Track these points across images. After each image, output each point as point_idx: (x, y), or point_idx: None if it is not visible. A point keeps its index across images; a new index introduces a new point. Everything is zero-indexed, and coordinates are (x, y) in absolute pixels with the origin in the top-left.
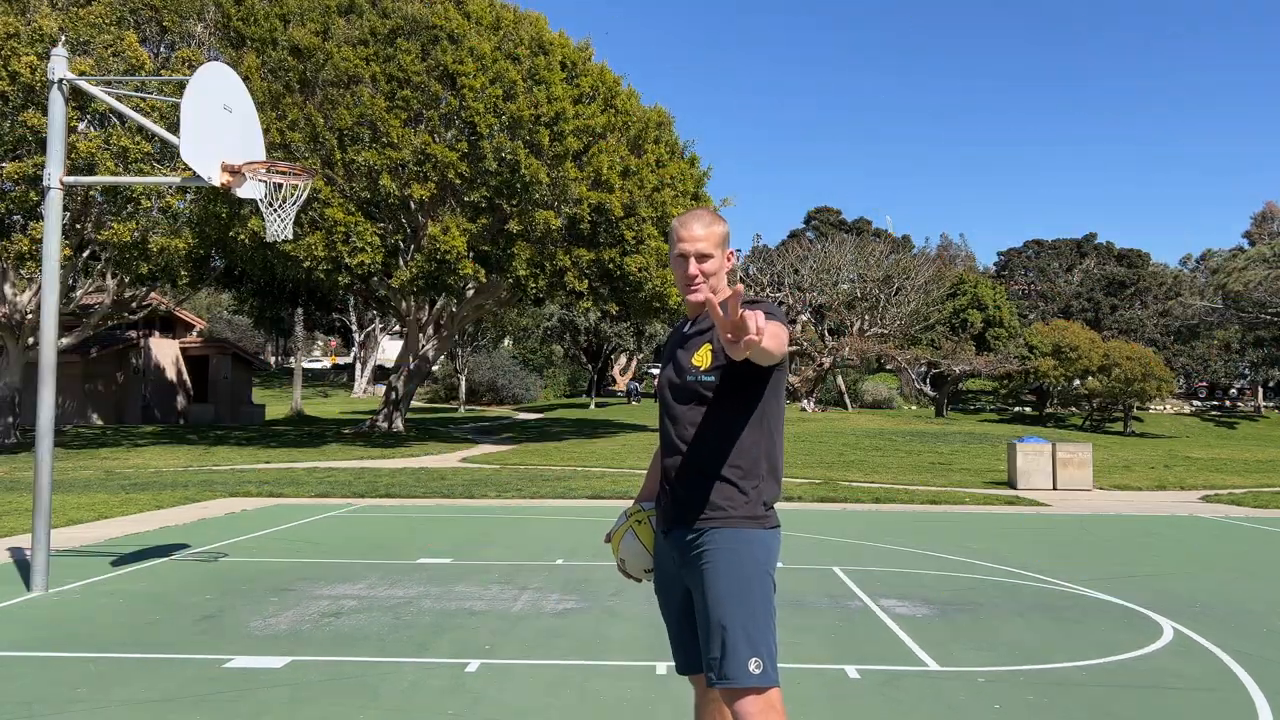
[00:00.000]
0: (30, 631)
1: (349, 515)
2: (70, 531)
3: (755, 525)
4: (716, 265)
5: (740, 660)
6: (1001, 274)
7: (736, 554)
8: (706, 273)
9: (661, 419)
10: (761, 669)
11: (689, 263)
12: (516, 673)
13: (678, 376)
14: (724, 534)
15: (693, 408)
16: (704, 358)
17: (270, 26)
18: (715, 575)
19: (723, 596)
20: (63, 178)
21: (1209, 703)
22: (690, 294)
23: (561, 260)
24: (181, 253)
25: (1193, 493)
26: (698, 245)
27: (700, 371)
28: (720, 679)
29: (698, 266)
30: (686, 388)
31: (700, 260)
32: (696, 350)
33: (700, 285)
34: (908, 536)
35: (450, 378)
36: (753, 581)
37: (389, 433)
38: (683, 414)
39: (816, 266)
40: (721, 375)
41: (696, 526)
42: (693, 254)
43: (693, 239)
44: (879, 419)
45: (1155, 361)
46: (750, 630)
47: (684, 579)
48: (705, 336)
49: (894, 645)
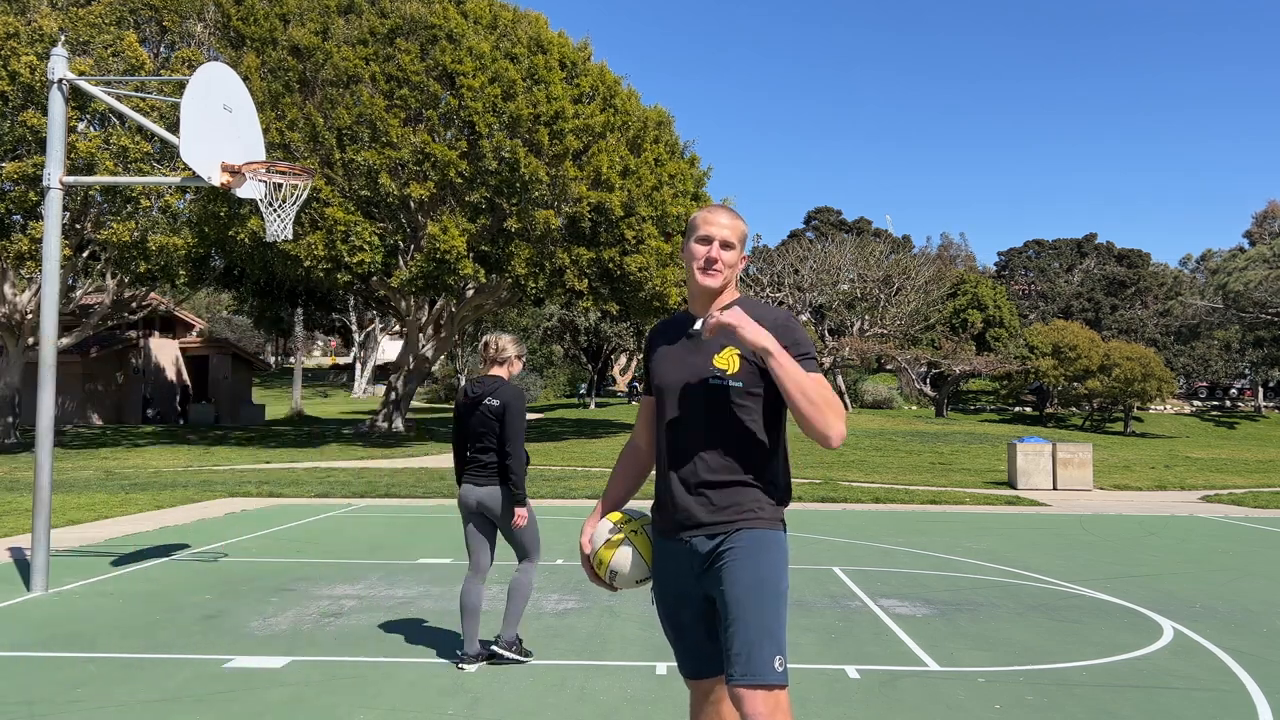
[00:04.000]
0: (30, 631)
1: (349, 515)
2: (70, 531)
3: (777, 527)
4: (735, 258)
5: (766, 657)
6: (1001, 274)
7: (764, 554)
8: (726, 262)
9: (664, 422)
10: (783, 667)
11: (712, 245)
12: (516, 673)
13: (693, 378)
14: (750, 535)
15: (714, 412)
16: (728, 361)
17: (270, 26)
18: (743, 574)
19: (751, 595)
20: (62, 178)
21: (1209, 703)
22: (706, 278)
23: (561, 260)
24: (181, 252)
25: (1193, 493)
26: (723, 232)
27: (728, 375)
28: (744, 676)
29: (719, 252)
30: (707, 391)
31: (724, 248)
32: (717, 352)
33: (719, 271)
34: (908, 536)
35: (450, 378)
36: (777, 582)
37: (389, 433)
38: (702, 418)
39: (816, 266)
40: (748, 380)
41: (720, 530)
42: (718, 239)
43: (719, 225)
44: (879, 419)
45: (1155, 362)
46: (774, 629)
47: (703, 584)
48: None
49: (894, 645)
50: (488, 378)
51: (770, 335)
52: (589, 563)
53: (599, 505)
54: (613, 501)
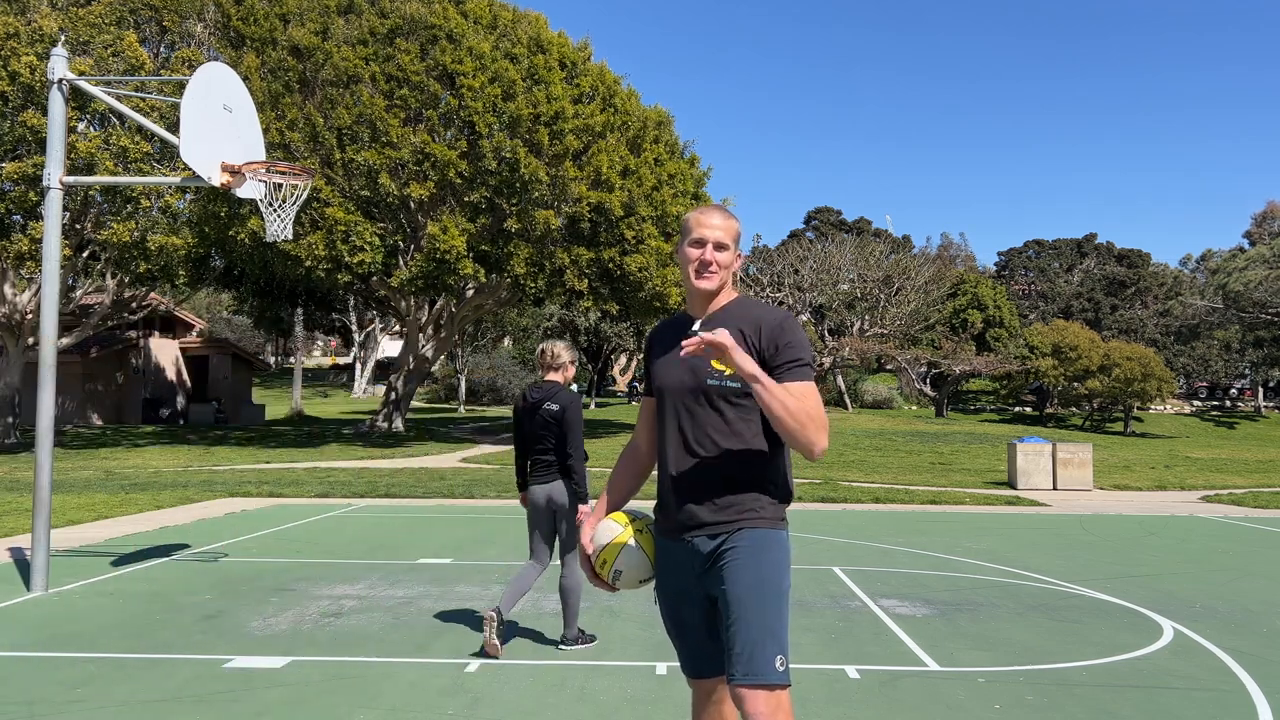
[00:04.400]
0: (30, 631)
1: (349, 515)
2: (70, 531)
3: (779, 526)
4: (730, 259)
5: (768, 657)
6: (1001, 274)
7: (765, 554)
8: (721, 263)
9: (665, 423)
10: (784, 666)
11: (706, 248)
12: (516, 673)
13: (693, 379)
14: (753, 534)
15: (714, 413)
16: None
17: (270, 26)
18: (745, 574)
19: (753, 595)
20: (62, 178)
21: (1209, 703)
22: (701, 281)
23: (561, 260)
24: (181, 252)
25: (1193, 493)
26: (716, 234)
27: (725, 376)
28: (745, 675)
29: (714, 254)
30: (707, 392)
31: (717, 249)
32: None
33: (714, 273)
34: (908, 536)
35: (450, 378)
36: (779, 581)
37: (389, 433)
38: (703, 419)
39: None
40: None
41: (722, 530)
42: (711, 240)
43: (712, 226)
44: (879, 419)
45: (1155, 362)
46: (776, 628)
47: (705, 584)
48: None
49: (894, 645)
50: (545, 383)
51: (754, 363)
52: (590, 563)
53: (599, 505)
54: (613, 502)
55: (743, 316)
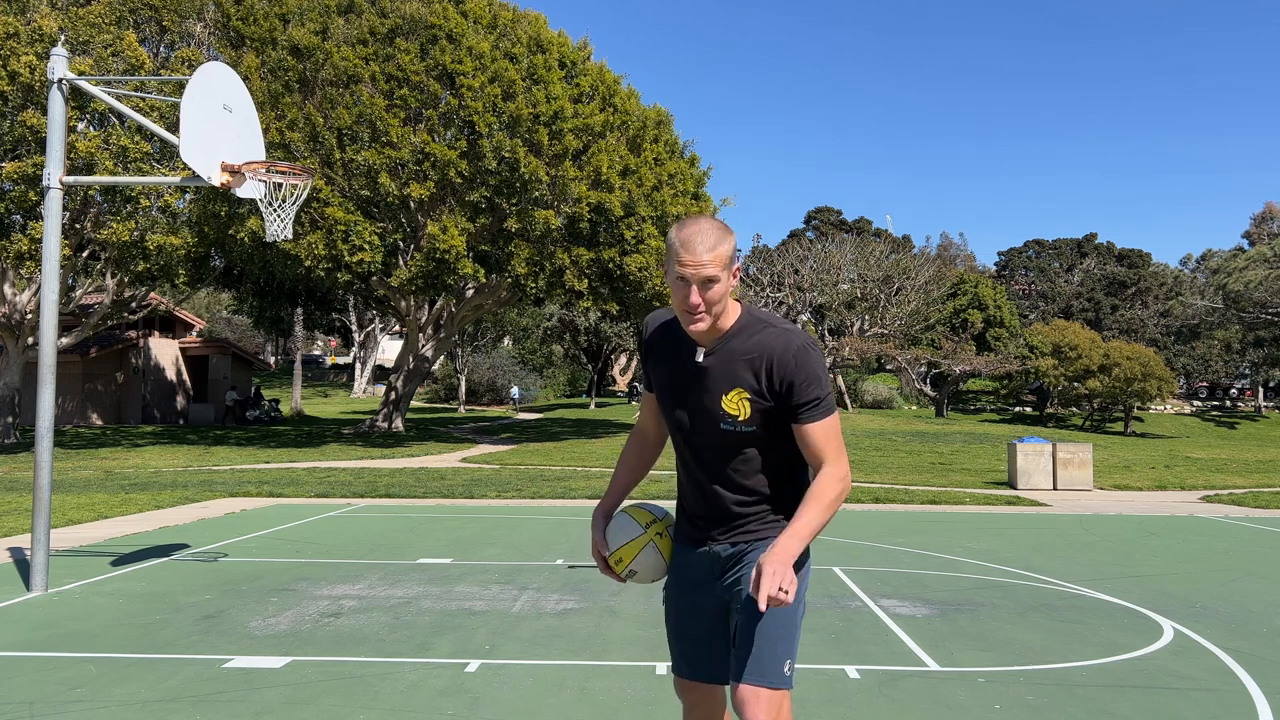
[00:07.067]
0: (30, 631)
1: (349, 515)
2: (70, 531)
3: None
4: (722, 290)
5: (778, 660)
6: (1001, 274)
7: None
8: (710, 301)
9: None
10: (791, 671)
11: (690, 290)
12: (516, 673)
13: (706, 423)
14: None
15: (730, 448)
16: (738, 406)
17: (270, 26)
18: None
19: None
20: (62, 178)
21: (1209, 703)
22: (693, 326)
23: (561, 259)
24: (180, 252)
25: (1193, 493)
26: (704, 270)
27: (740, 422)
28: (751, 675)
29: (700, 295)
30: (723, 436)
31: (704, 287)
32: (725, 394)
33: (704, 316)
34: (908, 536)
35: (450, 378)
36: (798, 588)
37: (389, 433)
38: (718, 452)
39: (816, 266)
40: (763, 423)
41: (742, 539)
42: (695, 281)
43: (697, 264)
44: (879, 419)
45: (1156, 361)
46: (789, 634)
47: (721, 589)
48: (730, 378)
49: (894, 645)
50: None
51: (796, 550)
52: (600, 553)
53: (610, 489)
54: (621, 487)
55: (750, 349)
